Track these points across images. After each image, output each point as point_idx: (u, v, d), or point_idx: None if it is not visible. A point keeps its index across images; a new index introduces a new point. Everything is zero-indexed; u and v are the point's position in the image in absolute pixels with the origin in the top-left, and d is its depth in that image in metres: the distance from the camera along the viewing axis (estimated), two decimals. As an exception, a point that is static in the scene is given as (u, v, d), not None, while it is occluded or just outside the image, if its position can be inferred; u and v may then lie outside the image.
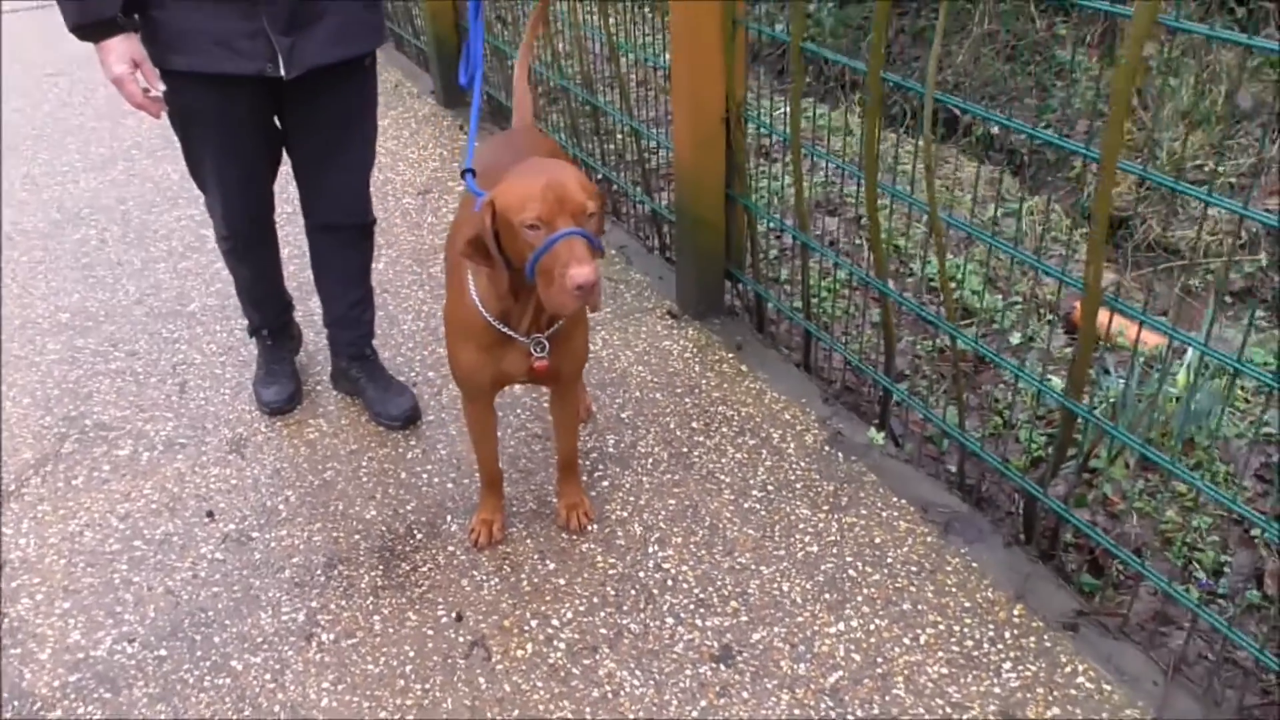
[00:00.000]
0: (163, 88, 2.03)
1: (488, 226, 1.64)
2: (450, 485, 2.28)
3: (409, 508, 2.22)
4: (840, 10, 5.13)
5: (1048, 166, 4.53)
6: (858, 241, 3.35)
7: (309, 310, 2.79)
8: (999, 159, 4.41)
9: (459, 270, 1.86)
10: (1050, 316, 2.99)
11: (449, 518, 2.19)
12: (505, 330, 1.80)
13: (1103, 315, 2.47)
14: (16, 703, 1.82)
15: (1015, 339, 2.87)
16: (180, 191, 3.64)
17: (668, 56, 2.59)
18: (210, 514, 2.22)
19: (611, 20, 3.02)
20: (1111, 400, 2.46)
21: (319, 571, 2.07)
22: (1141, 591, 1.97)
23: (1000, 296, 3.10)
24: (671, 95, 2.59)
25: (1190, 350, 2.78)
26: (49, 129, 4.28)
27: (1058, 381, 2.33)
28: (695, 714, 1.74)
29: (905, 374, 2.63)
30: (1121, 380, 2.52)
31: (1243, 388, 2.62)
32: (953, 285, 3.15)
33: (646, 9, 3.07)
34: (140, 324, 2.92)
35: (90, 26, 1.94)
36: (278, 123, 2.20)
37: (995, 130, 4.51)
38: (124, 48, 1.97)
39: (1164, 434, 2.46)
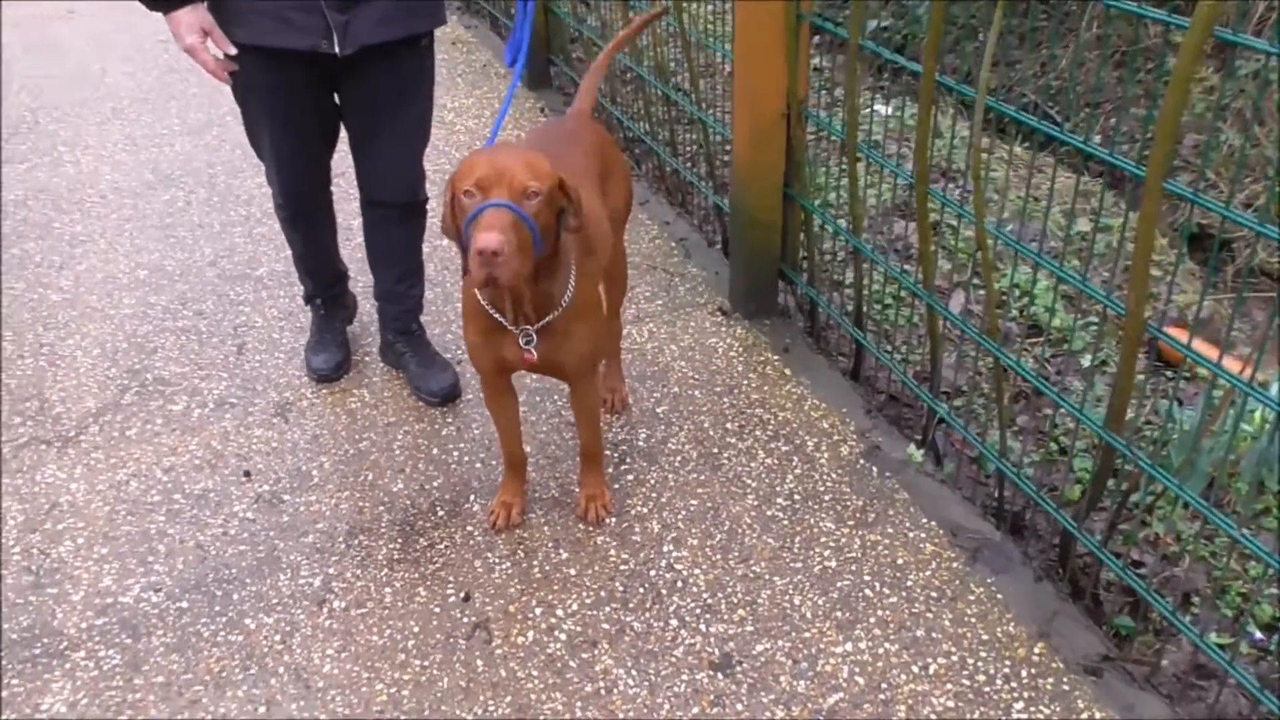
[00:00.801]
0: (233, 50, 2.08)
1: (446, 200, 1.67)
2: (479, 465, 2.30)
3: (435, 484, 2.25)
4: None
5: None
6: (930, 248, 3.23)
7: (367, 282, 2.84)
8: (1099, 170, 4.20)
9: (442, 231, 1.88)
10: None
11: (472, 497, 2.21)
12: (498, 318, 1.80)
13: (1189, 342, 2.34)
14: (46, 640, 1.91)
15: (1087, 361, 2.73)
16: (265, 159, 3.75)
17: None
18: (248, 474, 2.30)
19: (689, 8, 2.98)
20: (1163, 435, 2.32)
21: (340, 539, 2.11)
22: (1182, 640, 1.85)
23: (1078, 316, 2.96)
24: (734, 89, 2.54)
25: (1275, 385, 2.61)
26: (154, 94, 4.48)
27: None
28: (685, 720, 1.72)
29: (962, 389, 2.53)
30: (1189, 412, 2.37)
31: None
32: (1025, 300, 3.03)
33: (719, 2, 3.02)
34: (211, 285, 3.02)
35: None
36: (335, 98, 2.24)
37: (1096, 139, 4.29)
38: (192, 18, 2.04)
39: (1231, 474, 2.31)
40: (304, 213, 2.40)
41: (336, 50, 2.04)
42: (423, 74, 2.26)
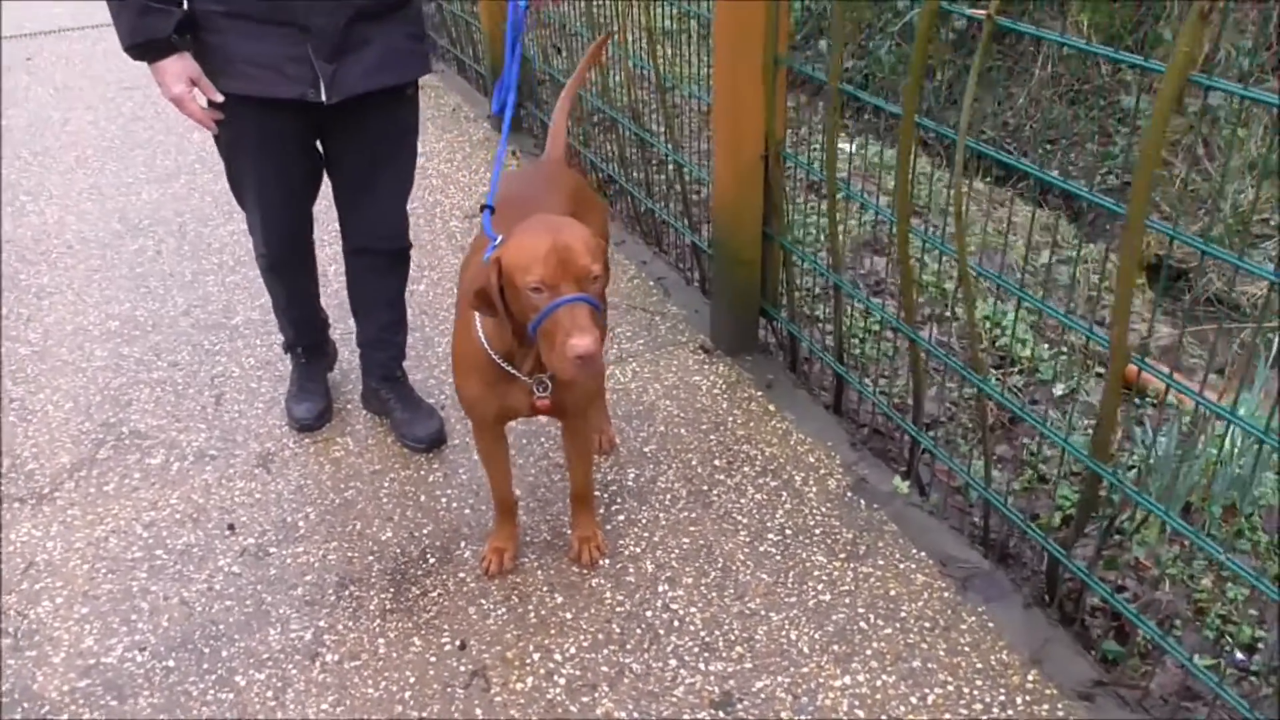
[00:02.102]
0: (220, 99, 2.07)
1: (494, 283, 1.64)
2: (468, 511, 2.29)
3: (425, 531, 2.23)
4: (900, 48, 5.09)
5: (1108, 214, 4.43)
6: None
7: (347, 328, 2.83)
8: (1057, 204, 4.32)
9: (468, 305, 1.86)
10: (1100, 369, 2.90)
11: (463, 543, 2.19)
12: (508, 369, 1.80)
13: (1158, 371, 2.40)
14: (26, 704, 1.86)
15: (1059, 390, 2.80)
16: (235, 207, 3.66)
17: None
18: (231, 527, 2.26)
19: (662, 53, 3.03)
20: (1144, 462, 2.38)
21: (330, 591, 2.08)
22: (1168, 662, 1.89)
23: (1048, 346, 3.03)
24: (714, 132, 2.59)
25: (1243, 411, 2.68)
26: (119, 142, 4.44)
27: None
28: (690, 762, 1.71)
29: (940, 420, 2.57)
30: (1162, 439, 2.43)
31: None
32: (997, 331, 3.10)
33: (696, 44, 3.08)
34: (185, 335, 2.99)
35: (144, 46, 2.00)
36: (319, 147, 2.25)
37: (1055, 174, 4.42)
38: (179, 67, 2.03)
39: (1204, 498, 2.37)
40: (287, 261, 2.38)
41: (324, 99, 2.05)
42: (409, 122, 2.27)
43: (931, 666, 1.87)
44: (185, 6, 2.01)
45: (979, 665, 1.87)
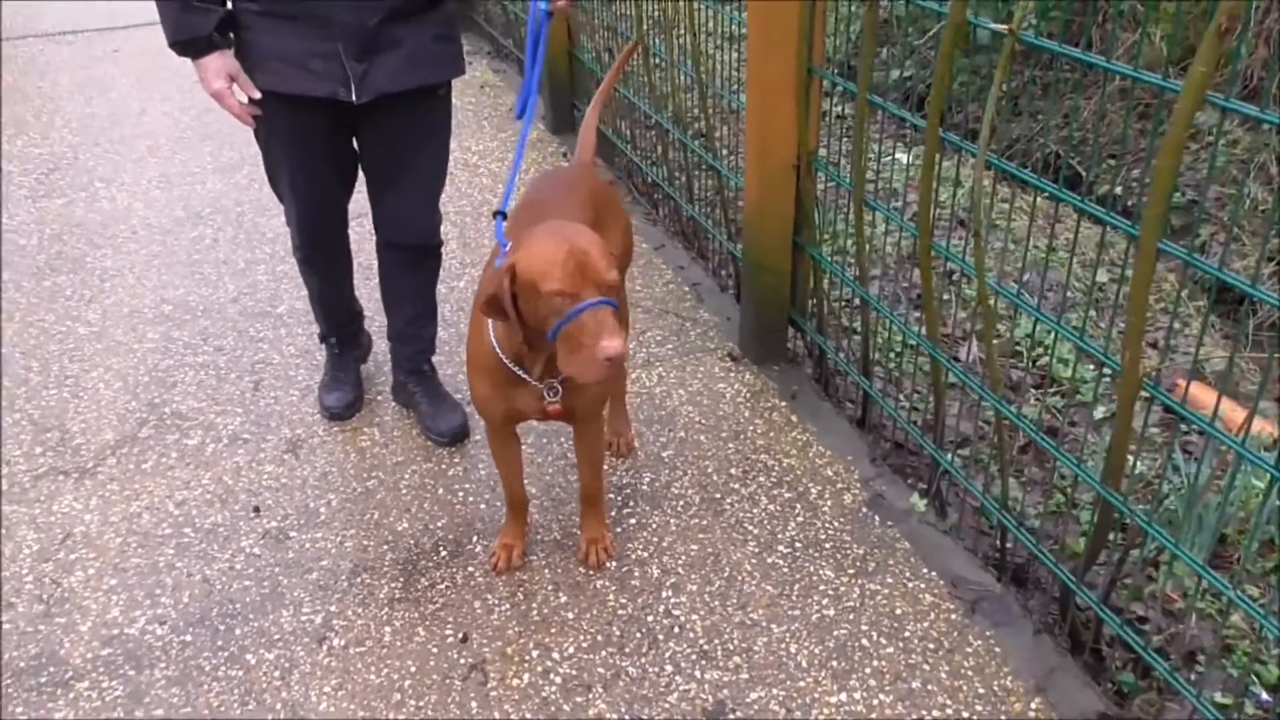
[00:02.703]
0: (257, 95, 2.13)
1: (506, 289, 1.65)
2: (483, 506, 2.33)
3: (440, 524, 2.28)
4: (965, 58, 4.99)
5: (1172, 232, 4.29)
6: (945, 297, 3.24)
7: (382, 322, 2.89)
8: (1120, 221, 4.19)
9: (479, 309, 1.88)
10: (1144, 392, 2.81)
11: (475, 538, 2.23)
12: (519, 372, 1.82)
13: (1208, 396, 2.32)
14: (52, 668, 1.95)
15: (1100, 413, 2.72)
16: (291, 199, 3.84)
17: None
18: (257, 509, 2.33)
19: (710, 59, 3.04)
20: (1176, 491, 2.30)
21: (343, 577, 2.14)
22: (1185, 699, 1.83)
23: (1092, 368, 2.95)
24: (745, 139, 2.58)
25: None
26: (190, 133, 4.60)
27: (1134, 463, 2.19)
28: (675, 768, 1.71)
29: (969, 439, 2.52)
30: (1192, 468, 2.35)
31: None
32: (1039, 351, 3.03)
33: (737, 53, 3.07)
34: (232, 321, 3.09)
35: (187, 43, 2.07)
36: (354, 143, 2.30)
37: (1118, 191, 4.29)
38: (220, 64, 2.09)
39: (1241, 531, 2.29)
40: (321, 254, 2.45)
41: (354, 98, 2.11)
42: (440, 122, 2.31)
43: (931, 688, 1.84)
44: (228, 5, 2.08)
45: (980, 690, 1.84)
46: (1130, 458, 2.45)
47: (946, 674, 1.87)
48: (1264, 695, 1.92)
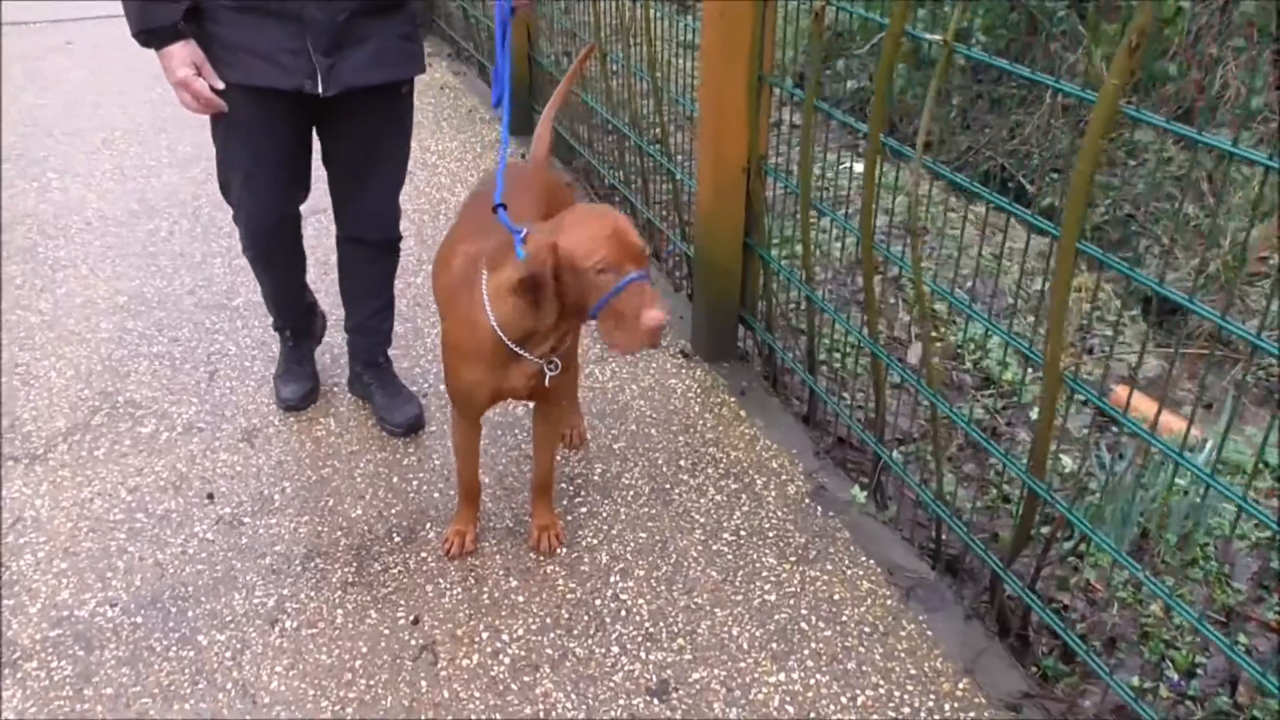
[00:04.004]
0: (221, 85, 2.14)
1: (549, 268, 1.71)
2: (437, 495, 2.37)
3: (394, 511, 2.32)
4: (917, 71, 5.14)
5: (1109, 245, 4.45)
6: (892, 300, 3.35)
7: (339, 316, 2.93)
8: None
9: (469, 292, 1.92)
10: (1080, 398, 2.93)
11: (428, 525, 2.27)
12: (520, 351, 1.87)
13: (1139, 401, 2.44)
14: (0, 649, 1.96)
15: (1035, 414, 2.83)
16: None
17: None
18: (210, 496, 2.35)
19: (665, 65, 3.12)
20: (1102, 487, 2.42)
21: (297, 562, 2.17)
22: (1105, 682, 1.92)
23: (1031, 370, 3.06)
24: (698, 143, 2.66)
25: (1209, 443, 2.71)
26: (145, 126, 4.59)
27: (1066, 461, 2.30)
28: (619, 743, 1.77)
29: (914, 437, 2.62)
30: (1120, 465, 2.47)
31: (1256, 488, 2.54)
32: (980, 354, 3.14)
33: (693, 60, 3.15)
34: (187, 313, 3.10)
35: (153, 32, 2.08)
36: (315, 141, 2.33)
37: (1057, 203, 4.45)
38: (185, 53, 2.10)
39: (1161, 526, 2.40)
40: (273, 253, 2.44)
41: (320, 91, 2.14)
42: (403, 120, 2.35)
43: (866, 669, 1.92)
44: None
45: (912, 671, 1.92)
46: (1063, 457, 2.58)
47: (880, 656, 1.95)
48: (1176, 678, 2.03)
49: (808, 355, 2.57)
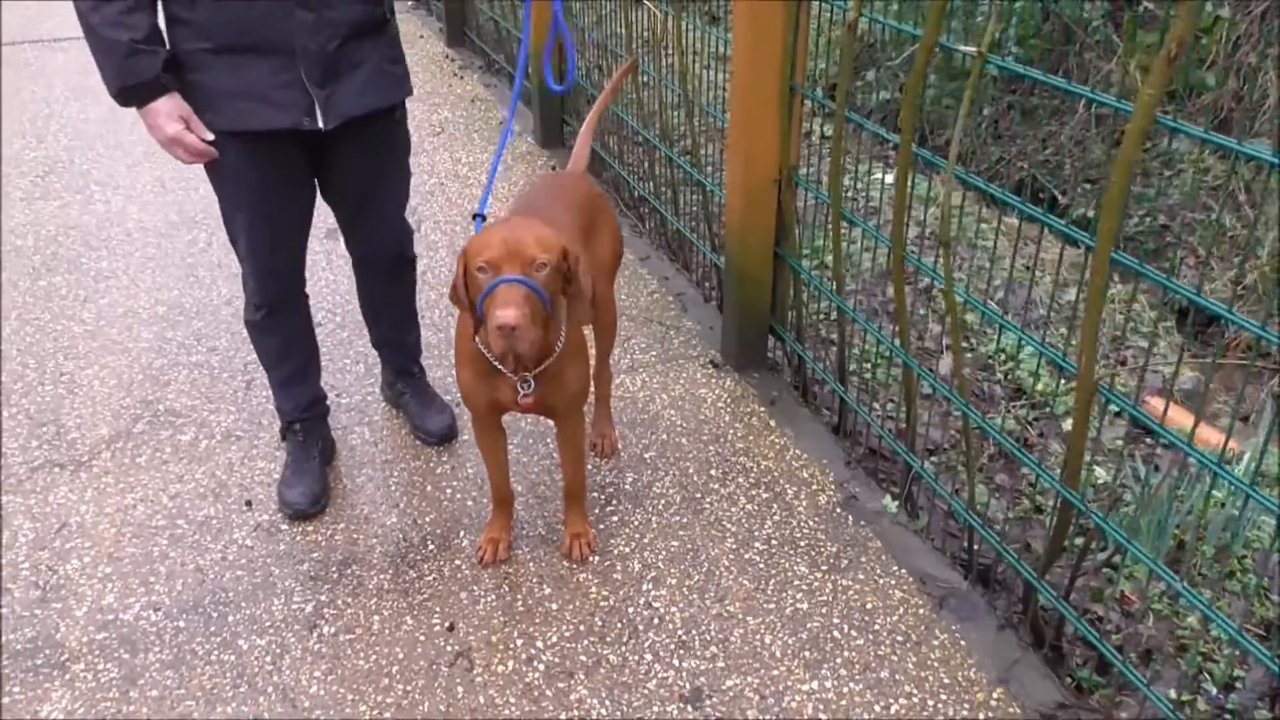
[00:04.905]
0: (210, 136, 2.02)
1: (459, 274, 1.77)
2: (470, 503, 2.40)
3: (428, 519, 2.35)
4: (950, 82, 5.14)
5: (1146, 256, 4.42)
6: (923, 312, 3.35)
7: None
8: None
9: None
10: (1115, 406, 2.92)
11: (462, 533, 2.30)
12: (496, 364, 1.91)
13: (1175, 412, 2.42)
14: (48, 651, 2.00)
15: (1069, 424, 2.82)
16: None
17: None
18: (249, 503, 2.40)
19: (691, 77, 3.14)
20: (1138, 498, 2.40)
21: (334, 568, 2.20)
22: (1142, 695, 1.91)
23: (1064, 382, 3.05)
24: (728, 153, 2.68)
25: (1246, 455, 2.68)
26: (185, 139, 4.67)
27: (1100, 473, 2.29)
28: (653, 750, 1.79)
29: (945, 447, 2.61)
30: (1157, 476, 2.45)
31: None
32: (1012, 364, 3.13)
33: (723, 73, 3.18)
34: (225, 323, 3.16)
35: (133, 89, 1.93)
36: (313, 179, 2.23)
37: (1090, 213, 4.42)
38: (171, 106, 1.96)
39: (1200, 538, 2.38)
40: (283, 305, 2.33)
41: (321, 125, 2.04)
42: (402, 140, 2.30)
43: (899, 678, 1.92)
44: (167, 46, 1.97)
45: (946, 680, 1.92)
46: (1097, 469, 2.56)
47: (914, 665, 1.95)
48: (1214, 692, 2.01)
49: (838, 365, 2.58)
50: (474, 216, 2.01)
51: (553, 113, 4.42)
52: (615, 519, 2.33)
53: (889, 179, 3.97)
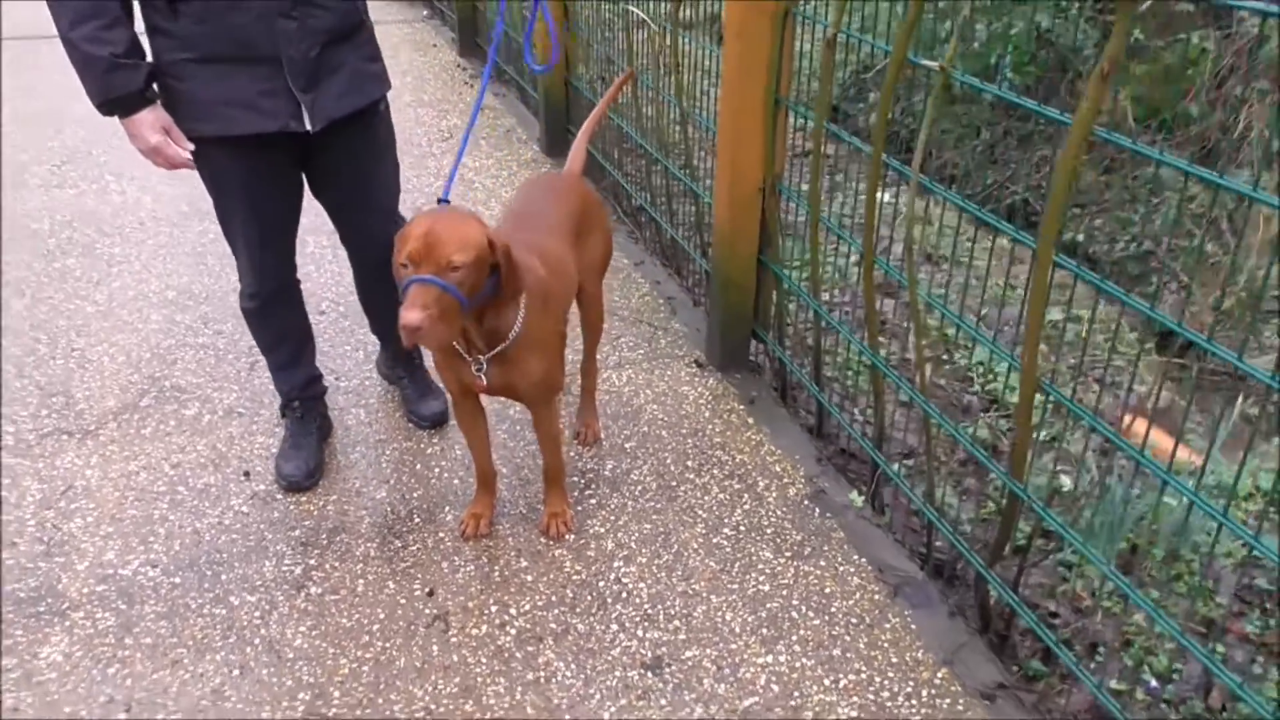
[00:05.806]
0: (191, 147, 2.09)
1: (395, 263, 1.84)
2: (457, 482, 2.52)
3: (415, 495, 2.47)
4: (950, 106, 5.28)
5: (1128, 279, 4.54)
6: (904, 324, 3.47)
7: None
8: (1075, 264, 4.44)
9: None
10: (1087, 420, 3.02)
11: (447, 509, 2.42)
12: (458, 347, 2.01)
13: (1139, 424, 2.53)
14: (50, 600, 2.12)
15: (1043, 435, 2.93)
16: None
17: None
18: (247, 474, 2.52)
19: (687, 90, 3.28)
20: (1085, 497, 2.51)
21: (324, 536, 2.32)
22: (1085, 685, 2.01)
23: (1043, 395, 3.16)
24: (717, 163, 2.81)
25: (1207, 468, 2.79)
26: (201, 135, 4.82)
27: (1066, 481, 2.40)
28: (613, 710, 1.90)
29: (919, 452, 2.72)
30: (1109, 481, 2.56)
31: (1246, 509, 2.62)
32: (990, 376, 3.25)
33: (711, 85, 3.32)
34: (232, 308, 3.29)
35: (116, 102, 1.98)
36: (301, 177, 2.32)
37: (1079, 238, 4.55)
38: (153, 117, 2.02)
39: (1151, 542, 2.49)
40: (273, 302, 2.43)
41: (308, 127, 2.10)
42: (387, 136, 2.37)
43: (849, 656, 2.03)
44: (148, 58, 2.03)
45: (894, 660, 2.03)
46: (1063, 478, 2.67)
47: (865, 645, 2.06)
48: (1153, 683, 2.11)
49: (814, 368, 2.70)
50: (438, 201, 2.10)
51: (558, 122, 4.57)
52: (593, 501, 2.45)
53: (886, 197, 4.10)
